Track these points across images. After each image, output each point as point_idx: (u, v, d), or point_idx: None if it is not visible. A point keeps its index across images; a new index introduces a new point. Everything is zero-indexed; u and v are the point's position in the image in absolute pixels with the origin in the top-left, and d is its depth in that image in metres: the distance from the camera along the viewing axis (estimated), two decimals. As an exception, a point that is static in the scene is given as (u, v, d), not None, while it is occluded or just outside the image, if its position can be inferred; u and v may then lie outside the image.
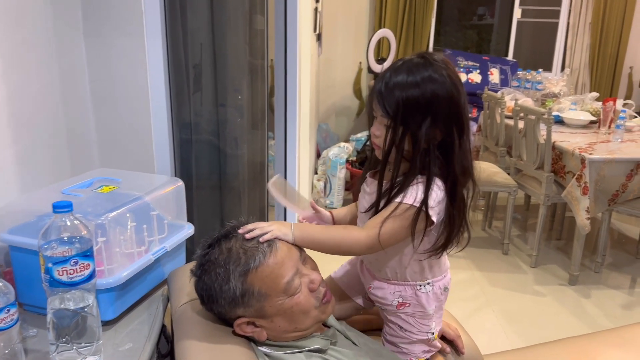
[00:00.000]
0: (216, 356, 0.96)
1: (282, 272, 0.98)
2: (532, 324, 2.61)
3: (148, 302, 1.26)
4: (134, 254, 1.22)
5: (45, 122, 1.46)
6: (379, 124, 1.03)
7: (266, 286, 0.97)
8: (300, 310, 1.00)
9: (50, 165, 1.48)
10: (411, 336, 1.17)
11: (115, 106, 1.67)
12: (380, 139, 1.02)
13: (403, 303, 1.15)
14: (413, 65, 0.98)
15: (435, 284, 1.15)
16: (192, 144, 1.85)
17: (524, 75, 3.92)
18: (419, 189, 1.00)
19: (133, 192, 1.23)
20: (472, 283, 2.99)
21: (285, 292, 0.98)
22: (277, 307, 0.99)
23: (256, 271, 0.97)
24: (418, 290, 1.13)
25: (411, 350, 1.19)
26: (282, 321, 1.00)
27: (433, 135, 0.99)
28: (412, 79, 0.97)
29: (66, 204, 0.92)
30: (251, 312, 0.99)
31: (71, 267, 0.92)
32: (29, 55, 1.39)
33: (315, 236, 1.04)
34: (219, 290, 0.98)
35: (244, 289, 0.97)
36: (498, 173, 3.33)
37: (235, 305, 0.98)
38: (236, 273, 0.97)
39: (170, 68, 1.70)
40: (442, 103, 0.97)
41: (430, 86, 0.97)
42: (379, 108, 1.01)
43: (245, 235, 1.00)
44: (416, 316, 1.15)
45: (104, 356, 1.05)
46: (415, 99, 0.96)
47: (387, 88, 0.99)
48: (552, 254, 3.41)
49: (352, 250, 1.06)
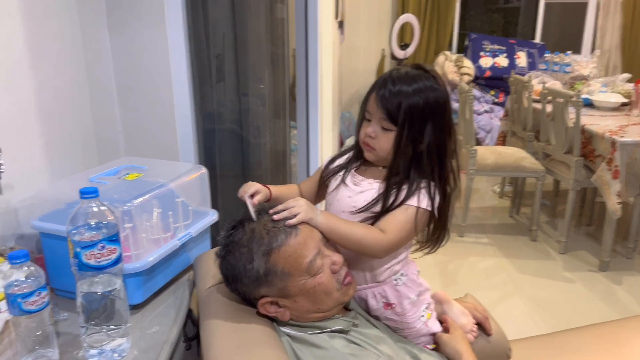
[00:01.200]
0: (240, 337, 0.98)
1: (304, 252, 1.00)
2: (560, 311, 2.57)
3: (175, 287, 1.29)
4: (160, 240, 1.25)
5: (73, 113, 1.49)
6: (375, 126, 1.09)
7: (289, 265, 0.99)
8: (322, 291, 1.02)
9: (78, 154, 1.51)
10: (411, 330, 1.19)
11: (140, 96, 1.70)
12: (375, 141, 1.09)
13: (389, 304, 1.16)
14: (414, 75, 1.07)
15: (408, 271, 1.18)
16: (215, 133, 1.87)
17: (552, 58, 3.83)
18: (426, 192, 1.09)
19: (158, 179, 1.25)
20: (499, 270, 2.96)
21: (307, 272, 1.00)
22: (300, 286, 1.00)
23: (279, 251, 0.99)
24: (396, 286, 1.16)
25: (419, 342, 1.21)
26: (304, 301, 1.02)
27: (433, 140, 1.07)
28: (415, 87, 1.05)
29: (92, 190, 0.95)
30: (274, 291, 1.01)
31: (98, 252, 0.95)
32: (56, 48, 1.42)
33: (339, 228, 1.06)
34: (243, 269, 1.00)
35: (267, 268, 0.99)
36: (525, 158, 3.27)
37: (259, 284, 1.00)
38: (259, 252, 0.99)
39: (192, 58, 1.72)
40: (440, 110, 1.07)
41: (432, 94, 1.05)
42: (381, 112, 1.07)
43: (274, 216, 1.01)
44: (406, 312, 1.17)
45: (132, 339, 1.08)
46: (420, 106, 1.04)
47: (392, 94, 1.05)
48: (582, 240, 3.35)
49: (371, 250, 1.08)
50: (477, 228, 3.53)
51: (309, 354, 0.99)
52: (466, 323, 1.32)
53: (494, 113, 4.77)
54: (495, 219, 3.72)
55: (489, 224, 3.62)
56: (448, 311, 1.32)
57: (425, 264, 2.97)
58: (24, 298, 0.88)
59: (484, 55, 4.96)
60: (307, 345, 1.00)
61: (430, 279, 3.01)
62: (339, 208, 1.15)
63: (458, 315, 1.33)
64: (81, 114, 1.53)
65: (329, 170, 1.22)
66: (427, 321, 1.21)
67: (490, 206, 3.97)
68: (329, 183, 1.20)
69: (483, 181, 4.41)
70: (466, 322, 1.32)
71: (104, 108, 1.65)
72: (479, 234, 3.42)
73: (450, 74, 4.82)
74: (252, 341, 0.97)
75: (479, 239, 3.35)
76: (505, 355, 1.41)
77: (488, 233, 3.45)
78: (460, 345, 1.20)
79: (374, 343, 1.04)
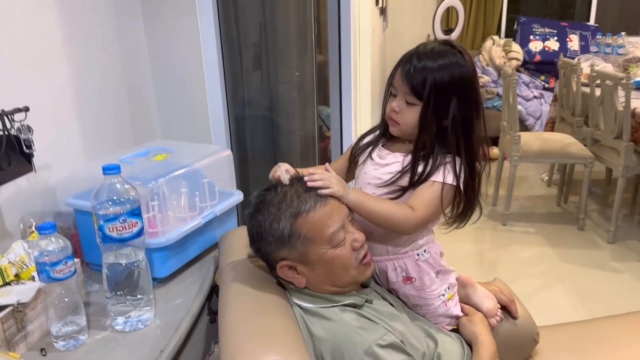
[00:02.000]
0: (254, 306, 1.02)
1: (329, 222, 1.02)
2: (606, 302, 2.48)
3: (200, 264, 1.34)
4: (187, 218, 1.30)
5: (109, 98, 1.57)
6: (399, 101, 1.09)
7: (312, 232, 1.02)
8: (340, 264, 1.04)
9: (113, 137, 1.60)
10: (429, 307, 1.20)
11: (173, 83, 1.76)
12: (399, 115, 1.10)
13: (408, 277, 1.17)
14: (441, 50, 1.07)
15: (431, 250, 1.18)
16: (246, 119, 1.91)
17: (604, 40, 3.65)
18: (451, 167, 1.09)
19: (183, 160, 1.31)
20: (542, 259, 2.88)
21: (329, 242, 1.02)
22: (320, 255, 1.03)
23: (306, 215, 1.02)
24: (417, 260, 1.17)
25: (438, 322, 1.21)
26: (321, 271, 1.04)
27: (458, 115, 1.07)
28: (441, 63, 1.05)
29: (114, 167, 1.00)
30: (295, 255, 1.03)
31: (120, 225, 1.01)
32: (91, 35, 1.50)
33: (369, 204, 1.08)
34: (269, 228, 1.03)
35: (291, 230, 1.02)
36: (573, 144, 3.15)
37: (281, 245, 1.03)
38: (287, 214, 1.02)
39: (223, 45, 1.76)
40: (466, 86, 1.06)
41: (457, 70, 1.05)
42: (406, 87, 1.07)
43: (308, 182, 1.05)
44: (425, 287, 1.17)
45: (156, 310, 1.14)
46: (445, 81, 1.04)
47: (416, 69, 1.05)
48: (633, 229, 3.20)
49: (400, 227, 1.10)
50: (523, 217, 3.44)
51: (319, 325, 1.01)
52: (492, 307, 1.30)
53: (544, 99, 4.61)
54: (542, 207, 3.61)
55: (535, 213, 3.52)
56: (472, 294, 1.31)
57: (465, 251, 2.96)
58: (52, 266, 0.95)
59: (534, 39, 4.79)
60: (317, 317, 1.03)
61: (469, 266, 2.99)
62: (365, 180, 1.17)
63: (482, 298, 1.31)
64: (117, 99, 1.61)
65: (359, 147, 1.24)
66: (447, 300, 1.21)
67: (537, 195, 3.86)
68: (358, 159, 1.23)
69: (531, 169, 4.28)
70: (492, 306, 1.30)
71: (139, 94, 1.72)
72: (524, 223, 3.33)
73: (497, 59, 4.69)
74: (265, 310, 1.01)
75: (523, 228, 3.27)
76: (532, 339, 1.39)
77: (534, 222, 3.35)
78: (478, 327, 1.19)
79: (387, 319, 1.05)
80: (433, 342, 1.13)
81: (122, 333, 1.07)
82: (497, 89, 4.64)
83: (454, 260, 1.25)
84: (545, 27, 4.82)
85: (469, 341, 1.19)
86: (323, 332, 1.00)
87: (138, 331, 1.08)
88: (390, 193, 1.13)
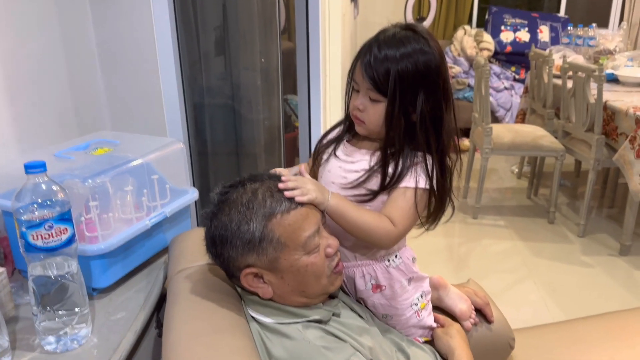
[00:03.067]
0: (203, 324, 0.89)
1: (304, 226, 0.92)
2: (577, 297, 2.44)
3: (148, 270, 1.21)
4: (132, 220, 1.17)
5: (47, 84, 1.41)
6: (362, 98, 1.00)
7: (286, 235, 0.90)
8: (312, 272, 0.93)
9: (54, 127, 1.43)
10: (400, 318, 1.11)
11: (124, 68, 1.61)
12: (364, 114, 1.00)
13: (378, 285, 1.08)
14: (402, 37, 0.96)
15: (403, 255, 1.10)
16: (205, 108, 1.77)
17: (575, 31, 3.62)
18: (422, 168, 1.00)
19: (127, 154, 1.16)
20: (514, 253, 2.83)
21: (303, 248, 0.92)
22: (292, 262, 0.92)
23: (281, 217, 0.90)
24: (388, 267, 1.08)
25: (409, 333, 1.13)
26: (292, 280, 0.93)
27: (426, 108, 0.97)
28: (404, 51, 0.95)
29: (38, 164, 0.86)
30: (264, 261, 0.91)
31: (46, 232, 0.87)
32: (26, 12, 1.33)
33: (349, 214, 0.98)
34: (237, 230, 0.90)
35: (264, 233, 0.90)
36: (544, 136, 3.11)
37: (250, 249, 0.91)
38: (259, 214, 0.90)
39: (179, 28, 1.61)
40: (433, 75, 0.97)
41: (422, 58, 0.95)
42: (367, 81, 0.97)
43: (285, 193, 0.93)
44: (396, 295, 1.08)
45: (94, 325, 1.01)
46: (410, 72, 0.95)
47: (377, 61, 0.95)
48: (603, 222, 3.19)
49: (380, 242, 1.02)
50: (493, 210, 3.39)
51: (279, 344, 0.90)
52: (465, 309, 1.23)
53: (514, 90, 4.57)
54: (512, 200, 3.58)
55: (506, 206, 3.48)
56: (444, 297, 1.23)
57: (436, 246, 2.89)
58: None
59: (505, 30, 4.75)
60: (277, 335, 0.91)
61: (439, 262, 2.93)
62: (328, 179, 1.07)
63: (455, 300, 1.24)
64: (58, 85, 1.45)
65: (322, 145, 1.14)
66: (420, 310, 1.12)
67: (508, 187, 3.82)
68: (322, 157, 1.12)
69: (502, 161, 4.25)
70: (465, 308, 1.23)
71: (85, 79, 1.56)
72: (494, 216, 3.29)
73: (469, 49, 4.63)
74: (217, 327, 0.89)
75: (493, 221, 3.22)
76: (508, 345, 1.32)
77: (504, 215, 3.30)
78: (454, 340, 1.10)
79: (355, 334, 0.95)
80: (405, 358, 1.04)
81: (53, 354, 0.94)
82: (468, 79, 4.58)
83: (424, 256, 1.17)
84: (516, 18, 4.78)
85: (444, 355, 1.10)
86: (283, 352, 0.88)
87: (71, 352, 0.94)
88: (359, 196, 1.03)
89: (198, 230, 1.29)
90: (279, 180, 0.95)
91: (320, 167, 1.12)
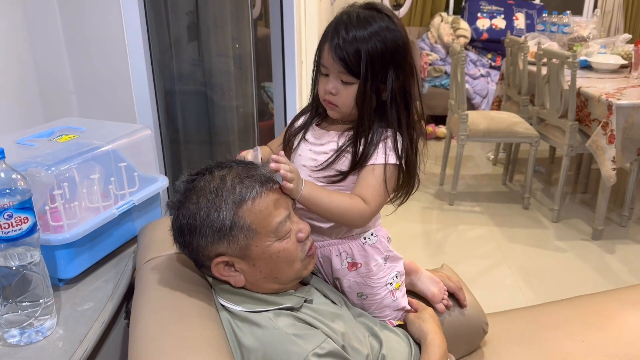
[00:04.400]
0: (171, 314, 0.88)
1: (275, 211, 0.91)
2: (551, 281, 2.48)
3: (116, 260, 1.18)
4: (100, 209, 1.14)
5: (10, 69, 1.36)
6: (334, 82, 0.99)
7: (257, 222, 0.89)
8: (285, 258, 0.92)
9: (19, 115, 1.39)
10: (375, 297, 1.10)
11: (91, 53, 1.56)
12: (337, 97, 1.00)
13: (354, 263, 1.08)
14: (367, 16, 0.97)
15: (378, 233, 1.11)
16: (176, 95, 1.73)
17: (550, 19, 3.64)
18: (392, 143, 1.01)
19: (93, 141, 1.13)
20: (488, 239, 2.86)
21: (275, 234, 0.90)
22: (263, 248, 0.90)
23: (252, 203, 0.88)
24: (364, 244, 1.08)
25: (383, 315, 1.13)
26: (264, 267, 0.92)
27: (396, 86, 0.98)
28: (371, 30, 0.95)
29: (-5, 151, 0.83)
30: (235, 249, 0.90)
31: (5, 221, 0.84)
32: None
33: (322, 199, 0.97)
34: (206, 218, 0.88)
35: (234, 221, 0.88)
36: (519, 123, 3.13)
37: (220, 237, 0.89)
38: (229, 201, 0.88)
39: (147, 11, 1.57)
40: (401, 51, 0.98)
41: (389, 35, 0.96)
42: (338, 64, 0.96)
43: (271, 165, 0.91)
44: (371, 274, 1.08)
45: (59, 317, 0.98)
46: (379, 50, 0.95)
47: (346, 42, 0.95)
48: (577, 208, 3.24)
49: (354, 222, 1.02)
50: (469, 196, 3.42)
51: (249, 333, 0.88)
52: (437, 292, 1.24)
53: (490, 77, 4.60)
54: (487, 187, 3.61)
55: (481, 192, 3.51)
56: (416, 281, 1.24)
57: (412, 232, 2.91)
58: None
59: (481, 17, 4.76)
60: (247, 324, 0.90)
61: (416, 248, 2.94)
62: (300, 162, 1.07)
63: (427, 284, 1.24)
64: (20, 70, 1.40)
65: (292, 131, 1.13)
66: (394, 290, 1.13)
67: (483, 174, 3.85)
68: (293, 143, 1.11)
69: (477, 148, 4.28)
70: (437, 291, 1.24)
71: (51, 65, 1.51)
72: (470, 202, 3.31)
73: (446, 36, 4.63)
74: (185, 317, 0.87)
75: (469, 208, 3.24)
76: (481, 329, 1.32)
77: (480, 201, 3.33)
78: (427, 324, 1.10)
79: (327, 320, 0.94)
80: (377, 342, 1.04)
81: (17, 347, 0.91)
82: (445, 67, 4.59)
83: (401, 242, 1.17)
84: (493, 5, 4.80)
85: (417, 339, 1.10)
86: (254, 341, 0.87)
87: (36, 344, 0.92)
88: (329, 177, 1.03)
89: (168, 218, 1.26)
90: (246, 166, 0.93)
91: (292, 152, 1.11)
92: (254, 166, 0.94)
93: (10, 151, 0.89)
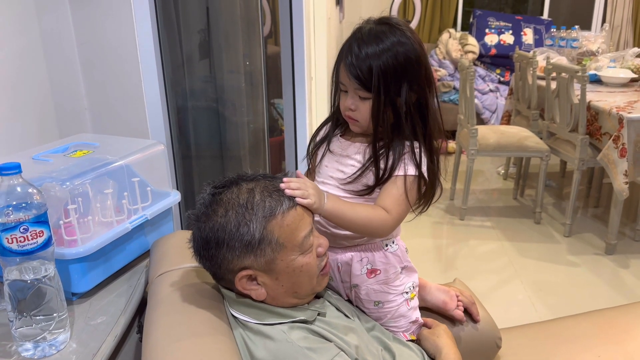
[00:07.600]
0: (184, 329, 0.88)
1: (301, 225, 0.92)
2: (563, 296, 2.45)
3: (130, 274, 1.19)
4: (113, 223, 1.14)
5: (27, 86, 1.39)
6: (352, 98, 1.01)
7: (285, 236, 0.89)
8: (307, 272, 0.93)
9: (34, 131, 1.41)
10: (391, 304, 1.11)
11: (105, 71, 1.59)
12: (357, 113, 1.02)
13: (373, 270, 1.09)
14: (379, 32, 0.98)
15: (399, 242, 1.13)
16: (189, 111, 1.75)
17: (558, 33, 3.65)
18: (409, 157, 1.03)
19: (107, 156, 1.15)
20: (500, 254, 2.84)
21: (300, 248, 0.91)
22: (288, 262, 0.91)
23: (281, 217, 0.89)
24: (386, 251, 1.10)
25: (398, 325, 1.13)
26: (286, 280, 0.92)
27: (411, 98, 1.00)
28: (383, 47, 0.97)
29: (12, 166, 0.84)
30: (261, 263, 0.90)
31: (21, 235, 0.85)
32: (4, 13, 1.31)
33: (345, 212, 0.99)
34: (235, 232, 0.87)
35: (263, 235, 0.88)
36: (529, 137, 3.13)
37: (248, 251, 0.88)
38: (259, 215, 0.88)
39: (160, 29, 1.60)
40: (414, 65, 0.99)
41: (401, 49, 0.97)
42: (352, 81, 0.99)
43: (286, 191, 0.92)
44: (389, 281, 1.10)
45: (73, 330, 0.98)
46: (391, 65, 0.97)
47: (360, 60, 0.97)
48: (589, 222, 3.21)
49: (377, 232, 1.04)
50: (480, 211, 3.40)
51: (262, 346, 0.88)
52: (448, 299, 1.24)
53: (499, 92, 4.60)
54: (498, 201, 3.59)
55: (492, 207, 3.49)
56: (425, 295, 1.25)
57: (423, 247, 2.89)
58: None
59: (490, 33, 4.78)
60: (260, 337, 0.90)
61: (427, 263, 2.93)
62: (327, 173, 1.09)
63: (436, 294, 1.25)
64: (37, 88, 1.43)
65: (315, 144, 1.15)
66: (409, 299, 1.14)
67: (494, 188, 3.84)
68: (317, 155, 1.14)
69: (487, 162, 4.27)
70: (447, 298, 1.24)
71: (66, 82, 1.54)
72: (481, 217, 3.30)
73: (454, 52, 4.65)
74: (198, 331, 0.87)
75: (480, 222, 3.23)
76: (494, 344, 1.31)
77: (490, 216, 3.32)
78: (441, 339, 1.10)
79: (341, 334, 0.94)
80: (390, 356, 1.03)
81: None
82: (453, 82, 4.61)
83: (412, 257, 1.19)
84: (500, 21, 4.82)
85: (432, 355, 1.09)
86: (266, 354, 0.87)
87: (49, 357, 0.92)
88: (357, 192, 1.05)
89: (180, 233, 1.27)
90: (272, 179, 0.94)
91: (318, 164, 1.13)
92: (279, 180, 0.95)
93: (26, 166, 0.90)
